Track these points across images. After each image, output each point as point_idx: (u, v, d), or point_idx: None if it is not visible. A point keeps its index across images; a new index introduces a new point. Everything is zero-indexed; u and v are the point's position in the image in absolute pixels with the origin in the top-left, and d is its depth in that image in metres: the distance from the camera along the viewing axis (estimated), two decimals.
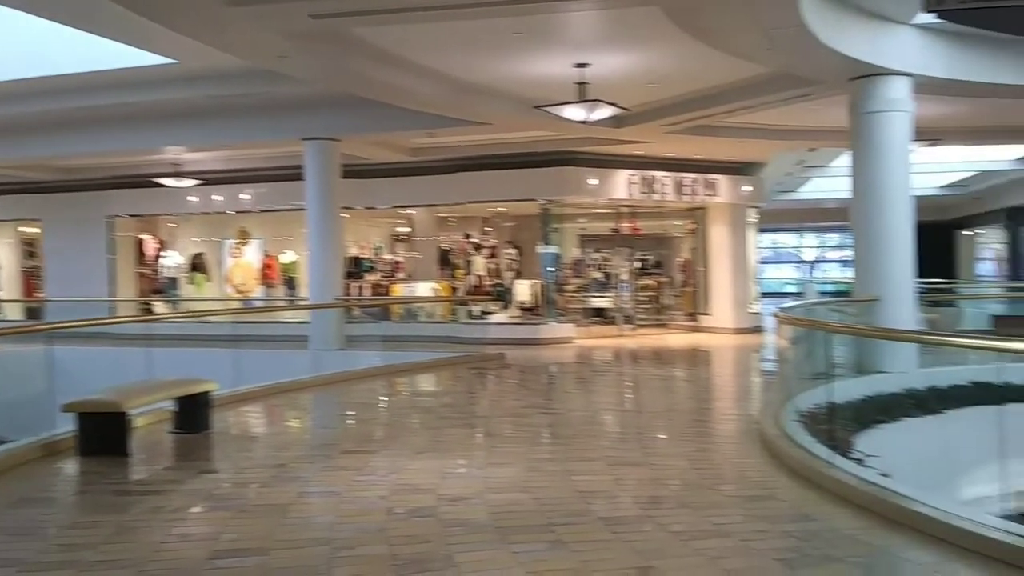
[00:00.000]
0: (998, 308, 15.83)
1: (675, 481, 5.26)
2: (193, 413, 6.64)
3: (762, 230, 22.60)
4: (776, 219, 27.09)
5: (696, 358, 13.59)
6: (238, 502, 4.85)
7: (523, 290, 16.48)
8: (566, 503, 4.65)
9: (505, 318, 15.91)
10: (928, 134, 12.17)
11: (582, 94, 9.98)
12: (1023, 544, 3.61)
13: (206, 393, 6.73)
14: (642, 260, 18.93)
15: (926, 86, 9.58)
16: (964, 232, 29.22)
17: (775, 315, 8.16)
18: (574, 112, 10.18)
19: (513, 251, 17.85)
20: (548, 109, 10.28)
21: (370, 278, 17.67)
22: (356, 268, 17.68)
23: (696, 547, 3.87)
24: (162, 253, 18.79)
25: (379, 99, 11.11)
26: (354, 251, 17.92)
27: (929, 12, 3.06)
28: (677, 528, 4.16)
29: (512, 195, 15.58)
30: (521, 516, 4.38)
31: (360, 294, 16.96)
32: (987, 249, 27.85)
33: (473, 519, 4.33)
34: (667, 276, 18.84)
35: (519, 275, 17.32)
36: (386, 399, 9.56)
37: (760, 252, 21.44)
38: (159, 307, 17.99)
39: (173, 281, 18.55)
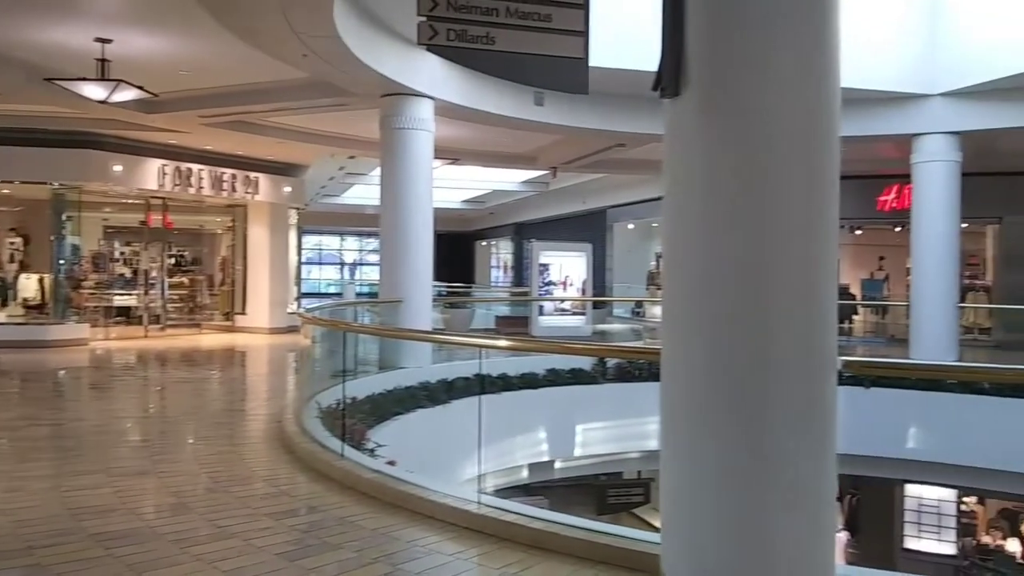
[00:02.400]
0: (503, 310, 18.22)
1: (186, 488, 5.05)
2: None
3: (306, 231, 22.93)
4: (320, 221, 27.74)
5: (229, 359, 13.25)
6: None
7: (29, 285, 14.41)
8: (53, 523, 4.18)
9: (3, 317, 13.73)
10: (449, 153, 13.55)
11: (103, 72, 9.08)
12: (493, 514, 4.21)
13: None
14: (177, 256, 17.90)
15: (446, 110, 10.64)
16: (481, 242, 33.20)
17: (299, 315, 8.34)
18: (93, 90, 9.21)
19: (17, 240, 15.50)
20: (62, 83, 9.16)
21: None
22: None
23: (196, 553, 3.77)
24: None
25: None
26: None
27: (422, 45, 3.37)
28: (179, 536, 4.01)
29: (16, 175, 13.49)
30: None
31: None
32: (499, 258, 32.00)
33: None
34: (204, 274, 18.08)
35: (25, 268, 15.09)
36: None
37: (303, 253, 21.72)
38: None
39: None
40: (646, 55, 3.09)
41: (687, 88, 3.01)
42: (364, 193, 23.00)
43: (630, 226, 21.74)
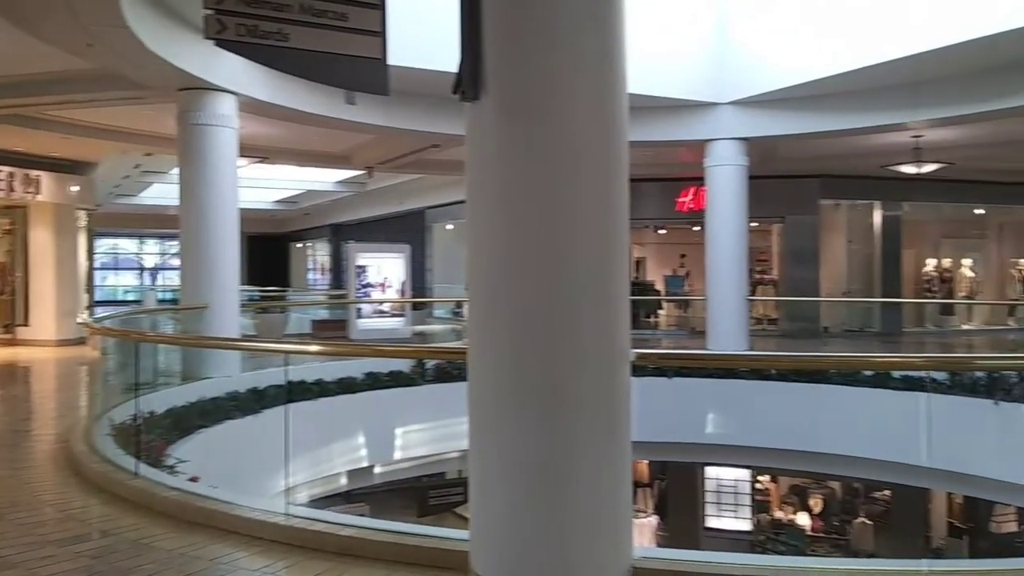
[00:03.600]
0: (321, 313, 17.77)
1: None
2: None
3: (99, 234, 21.26)
4: (116, 223, 25.78)
5: (10, 376, 12.01)
6: None
7: None
8: None
9: None
10: (257, 151, 13.02)
11: None
12: (301, 525, 4.08)
13: None
14: None
15: (252, 106, 10.20)
16: (297, 244, 32.20)
17: (87, 326, 7.71)
18: None
19: None
20: None
21: None
22: None
23: None
24: None
25: None
26: None
27: (210, 39, 3.20)
28: None
29: None
30: None
31: None
32: (316, 260, 31.17)
33: None
34: None
35: None
36: None
37: (96, 258, 20.10)
38: None
39: None
40: (455, 57, 3.11)
41: (486, 92, 3.06)
42: (165, 193, 21.55)
43: (449, 226, 21.86)
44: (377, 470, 10.73)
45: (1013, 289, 19.86)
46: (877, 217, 18.08)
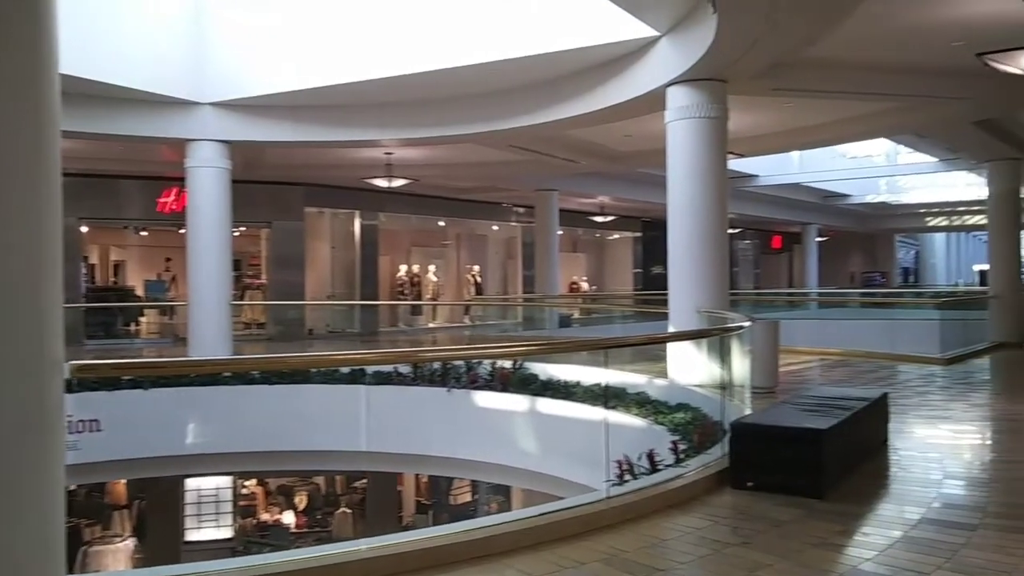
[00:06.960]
0: None
1: None
2: None
3: None
4: None
5: None
6: None
7: None
8: None
9: None
10: None
11: None
12: None
13: None
14: None
15: None
16: None
17: None
18: None
19: None
20: None
21: None
22: None
23: None
24: None
25: None
26: None
27: None
28: None
29: None
30: None
31: None
32: None
33: None
34: None
35: None
36: None
37: None
38: None
39: None
40: None
41: None
42: None
43: None
44: None
45: (468, 291, 23.11)
46: (357, 226, 19.46)
